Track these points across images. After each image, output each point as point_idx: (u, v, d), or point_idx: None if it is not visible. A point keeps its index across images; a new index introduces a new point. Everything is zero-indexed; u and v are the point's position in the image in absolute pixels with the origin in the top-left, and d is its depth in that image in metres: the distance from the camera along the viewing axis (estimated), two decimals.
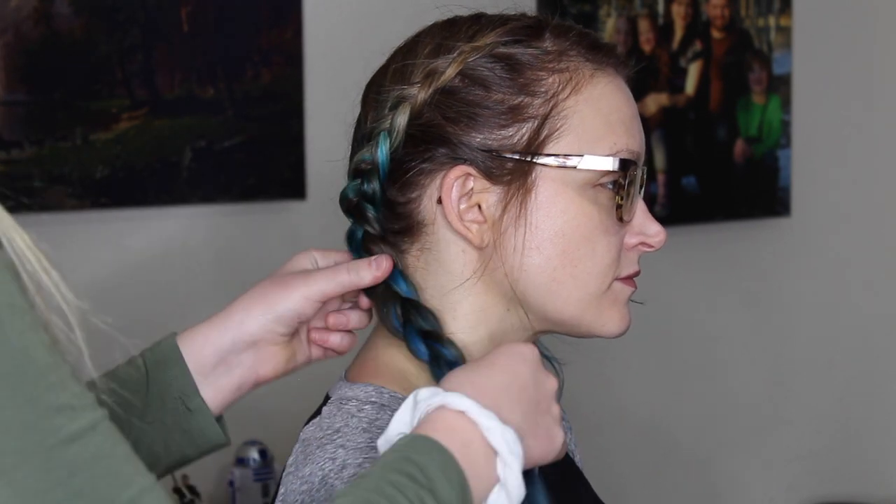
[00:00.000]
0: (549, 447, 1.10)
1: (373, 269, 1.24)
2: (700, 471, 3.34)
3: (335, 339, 1.29)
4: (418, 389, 1.06)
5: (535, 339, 1.30)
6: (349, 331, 1.31)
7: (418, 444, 1.01)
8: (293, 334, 1.27)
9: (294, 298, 1.24)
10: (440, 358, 1.21)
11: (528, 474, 1.09)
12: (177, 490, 2.49)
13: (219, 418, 1.27)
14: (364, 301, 1.30)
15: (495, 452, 1.02)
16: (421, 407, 1.04)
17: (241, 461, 2.58)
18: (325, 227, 1.53)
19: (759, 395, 3.40)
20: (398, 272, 1.25)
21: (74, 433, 0.86)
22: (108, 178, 2.53)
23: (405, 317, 1.24)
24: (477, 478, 1.01)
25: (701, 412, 3.32)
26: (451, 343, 1.22)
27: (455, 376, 1.08)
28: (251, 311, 1.25)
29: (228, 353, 1.25)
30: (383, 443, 1.06)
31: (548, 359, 1.38)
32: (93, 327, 0.90)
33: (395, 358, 1.25)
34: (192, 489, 2.51)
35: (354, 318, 1.30)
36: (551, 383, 1.11)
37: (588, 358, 1.65)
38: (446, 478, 0.99)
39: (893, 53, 3.52)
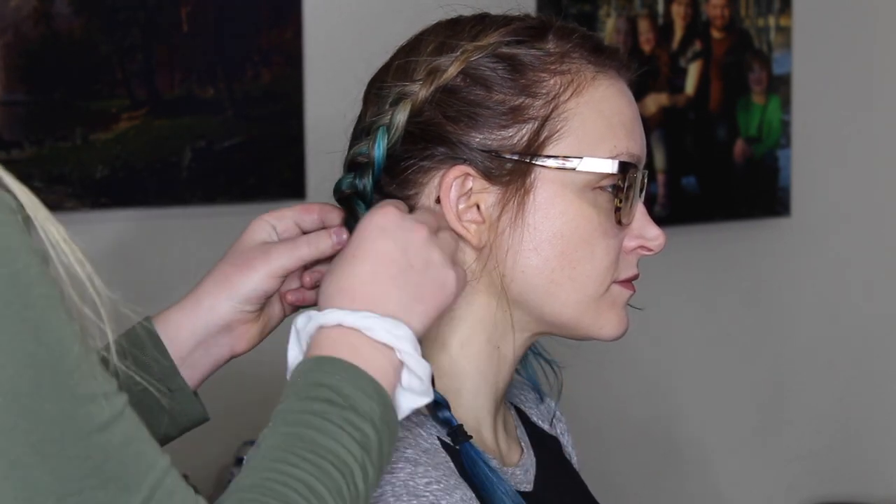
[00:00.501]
0: (441, 296, 1.13)
1: (332, 240, 1.24)
2: (700, 471, 3.34)
3: (312, 296, 1.29)
4: (295, 319, 1.11)
5: (534, 340, 1.30)
6: None
7: (323, 366, 1.05)
8: (263, 307, 1.28)
9: (257, 278, 1.25)
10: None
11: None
12: None
13: (195, 394, 1.28)
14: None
15: (387, 346, 1.07)
16: (303, 336, 1.09)
17: (240, 461, 2.57)
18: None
19: (759, 395, 3.40)
20: (365, 200, 1.26)
21: (107, 420, 0.89)
22: (108, 178, 2.53)
23: None
24: (382, 374, 1.06)
25: (701, 412, 3.32)
26: None
27: (325, 289, 1.12)
28: (218, 296, 1.26)
29: (204, 336, 1.26)
30: (289, 374, 1.10)
31: (547, 361, 1.38)
32: (122, 318, 0.93)
33: None
34: (192, 489, 2.50)
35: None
36: (418, 235, 1.13)
37: (587, 358, 1.65)
38: (360, 390, 1.04)
39: (893, 53, 3.52)
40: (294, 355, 1.11)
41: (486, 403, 1.27)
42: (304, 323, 1.10)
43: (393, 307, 1.09)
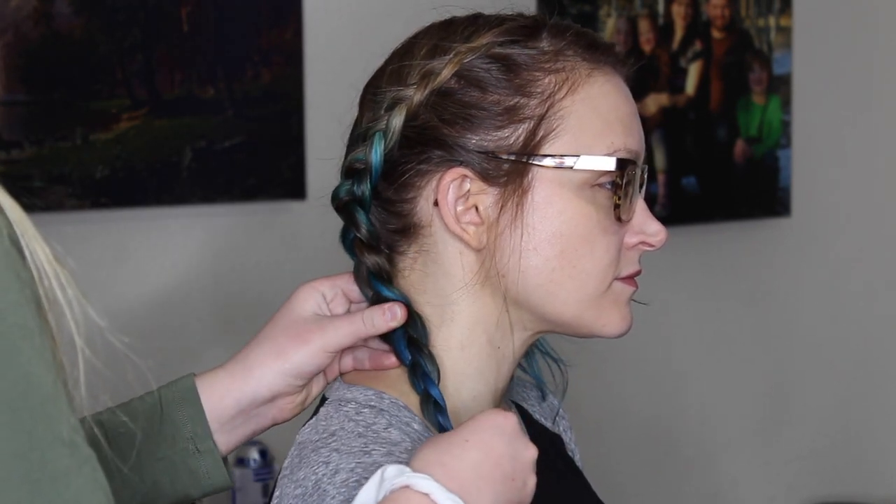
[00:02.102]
0: None
1: (387, 319, 1.23)
2: (700, 471, 3.34)
3: (389, 360, 1.26)
4: (386, 466, 1.06)
5: (535, 339, 1.29)
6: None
7: None
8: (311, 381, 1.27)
9: (312, 352, 1.24)
10: (418, 367, 1.22)
11: None
12: None
13: (224, 460, 1.27)
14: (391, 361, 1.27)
15: None
16: (386, 485, 1.05)
17: (241, 461, 2.58)
18: (325, 227, 1.53)
19: (759, 395, 3.40)
20: (382, 280, 1.25)
21: (60, 471, 0.83)
22: (108, 178, 2.53)
23: None
24: None
25: (701, 412, 3.31)
26: (431, 357, 1.23)
27: (425, 454, 1.08)
28: (270, 366, 1.24)
29: (248, 406, 1.25)
30: None
31: (554, 360, 1.37)
32: (108, 343, 0.87)
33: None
34: None
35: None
36: (530, 453, 1.11)
37: (589, 358, 1.65)
38: None
39: (893, 53, 3.52)
40: (367, 495, 1.06)
41: (487, 404, 1.26)
42: (395, 475, 1.05)
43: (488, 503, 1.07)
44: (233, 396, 1.24)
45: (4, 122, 2.46)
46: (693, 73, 3.18)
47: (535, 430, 1.37)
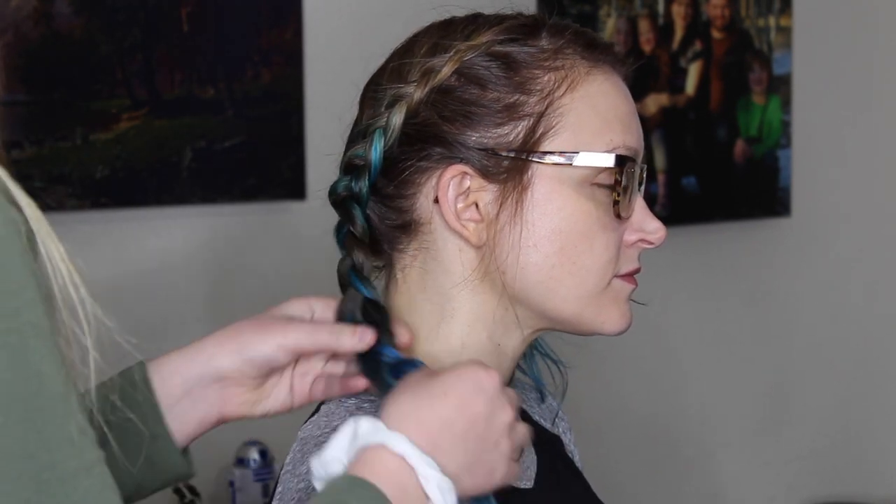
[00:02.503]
0: (487, 482, 1.09)
1: (354, 340, 1.18)
2: (700, 471, 3.34)
3: (358, 383, 1.23)
4: (360, 419, 1.05)
5: (535, 336, 1.30)
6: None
7: (360, 492, 1.01)
8: (264, 378, 1.21)
9: (269, 344, 1.18)
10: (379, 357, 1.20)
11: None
12: (177, 490, 2.49)
13: (184, 451, 1.22)
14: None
15: (428, 498, 1.03)
16: (360, 441, 1.04)
17: (241, 461, 2.58)
18: (325, 227, 1.53)
19: (760, 395, 3.40)
20: (360, 276, 1.23)
21: (70, 471, 0.83)
22: (108, 178, 2.53)
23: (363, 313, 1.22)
24: None
25: (701, 412, 3.32)
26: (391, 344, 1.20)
27: (402, 404, 1.07)
28: (224, 345, 1.20)
29: (195, 386, 1.19)
30: (318, 465, 1.06)
31: (553, 361, 1.38)
32: (115, 343, 0.87)
33: None
34: (192, 489, 2.51)
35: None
36: (506, 415, 1.10)
37: (588, 358, 1.65)
38: None
39: (893, 53, 3.52)
40: (339, 446, 1.06)
41: None
42: (370, 431, 1.04)
43: (453, 467, 1.05)
44: (180, 375, 1.19)
45: (4, 122, 2.46)
46: (693, 73, 3.18)
47: (534, 432, 1.37)
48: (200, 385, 1.19)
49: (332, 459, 1.06)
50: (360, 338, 1.18)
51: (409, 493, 1.02)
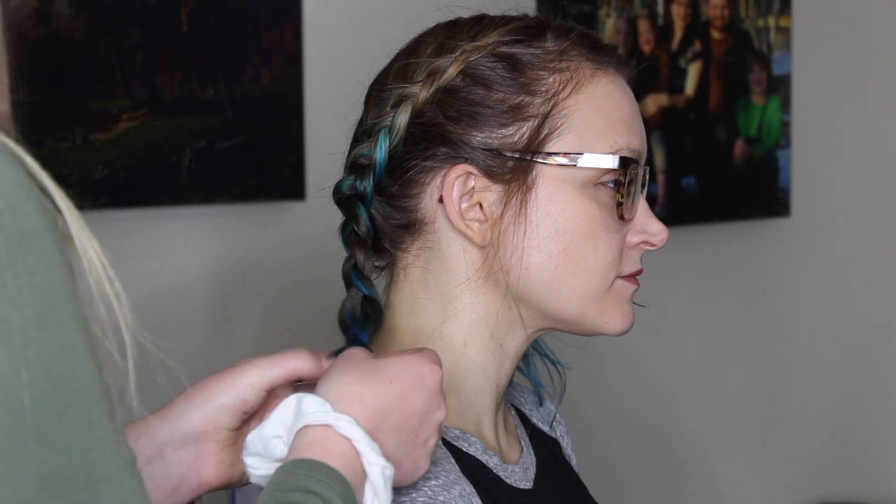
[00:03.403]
0: (410, 476, 1.09)
1: (320, 363, 1.13)
2: (700, 471, 3.34)
3: None
4: (304, 395, 1.04)
5: (537, 336, 1.30)
6: None
7: (319, 474, 0.99)
8: (239, 431, 1.13)
9: (237, 386, 1.11)
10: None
11: None
12: None
13: None
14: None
15: (368, 480, 1.02)
16: (305, 419, 1.03)
17: None
18: (325, 227, 1.53)
19: (759, 394, 3.40)
20: (361, 277, 1.24)
21: (115, 471, 0.81)
22: (108, 178, 2.53)
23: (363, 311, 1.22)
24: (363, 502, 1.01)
25: (701, 412, 3.32)
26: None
27: (345, 384, 1.06)
28: (192, 399, 1.12)
29: (165, 446, 1.11)
30: (255, 439, 1.05)
31: (552, 362, 1.38)
32: (137, 346, 0.86)
33: None
34: None
35: None
36: (440, 414, 1.09)
37: (588, 358, 1.65)
38: None
39: (893, 54, 3.52)
40: (280, 422, 1.04)
41: (488, 400, 1.27)
42: (316, 409, 1.03)
43: (388, 450, 1.05)
44: (148, 436, 1.10)
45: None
46: (692, 73, 3.18)
47: (533, 433, 1.38)
48: (172, 445, 1.11)
49: (272, 436, 1.04)
50: (326, 360, 1.14)
51: (357, 477, 1.01)
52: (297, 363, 1.13)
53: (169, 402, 1.12)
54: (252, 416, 1.13)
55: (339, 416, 1.02)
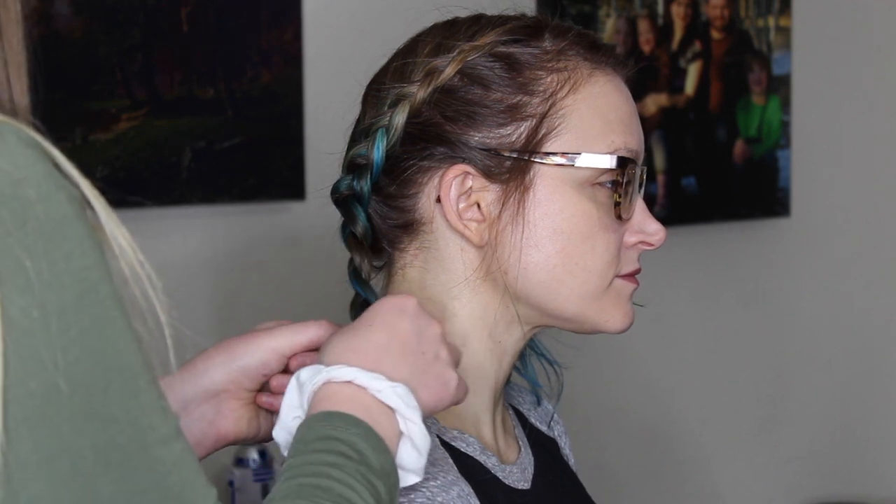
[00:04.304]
0: (444, 392, 1.12)
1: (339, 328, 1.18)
2: (699, 471, 3.34)
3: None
4: (298, 371, 1.08)
5: (534, 333, 1.30)
6: None
7: (335, 421, 1.03)
8: (258, 391, 1.22)
9: (260, 349, 1.20)
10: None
11: None
12: None
13: None
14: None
15: (393, 410, 1.05)
16: (307, 388, 1.06)
17: (240, 461, 2.58)
18: (325, 227, 1.54)
19: (759, 394, 3.40)
20: (359, 279, 1.26)
21: (167, 435, 0.85)
22: (108, 178, 2.53)
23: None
24: (387, 437, 1.04)
25: (700, 412, 3.32)
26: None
27: (333, 347, 1.09)
28: (214, 359, 1.20)
29: (190, 403, 1.19)
30: (281, 430, 1.08)
31: (549, 362, 1.38)
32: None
33: None
34: None
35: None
36: (433, 329, 1.12)
37: (586, 358, 1.65)
38: (371, 447, 1.02)
39: (893, 54, 3.52)
40: (291, 406, 1.07)
41: (486, 399, 1.27)
42: (311, 375, 1.06)
43: (404, 378, 1.07)
44: (174, 393, 1.17)
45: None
46: (692, 73, 3.18)
47: (531, 433, 1.38)
48: (195, 402, 1.19)
49: (291, 420, 1.07)
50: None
51: (373, 411, 1.04)
52: (319, 332, 1.19)
53: (188, 362, 1.20)
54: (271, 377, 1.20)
55: (332, 369, 1.06)
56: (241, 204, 2.67)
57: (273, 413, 1.21)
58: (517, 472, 1.28)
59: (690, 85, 3.19)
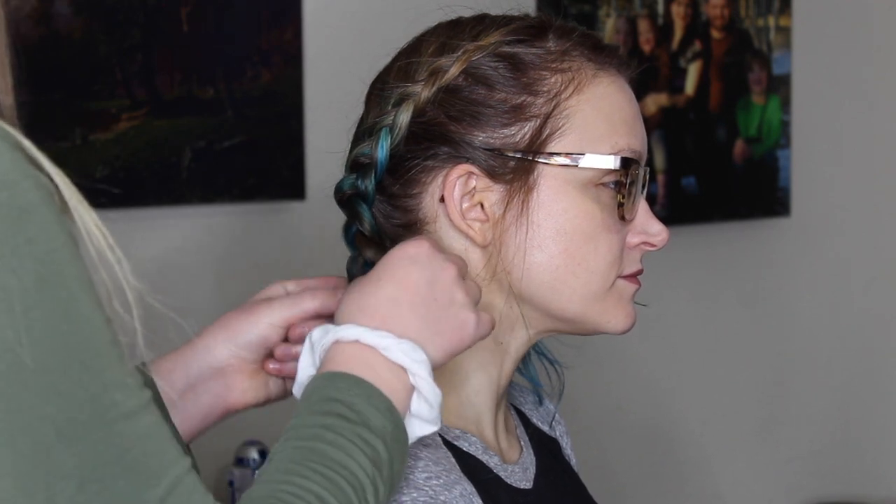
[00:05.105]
0: (461, 334, 1.13)
1: (337, 297, 1.24)
2: (700, 471, 3.34)
3: (290, 369, 1.27)
4: (311, 332, 1.11)
5: (538, 338, 1.30)
6: None
7: (337, 382, 1.06)
8: (262, 362, 1.28)
9: (259, 324, 1.26)
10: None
11: None
12: None
13: (187, 448, 1.25)
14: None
15: (401, 367, 1.07)
16: (318, 348, 1.09)
17: (240, 461, 2.58)
18: (325, 227, 1.54)
19: (759, 395, 3.40)
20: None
21: (132, 409, 0.89)
22: (108, 178, 2.53)
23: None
24: (395, 394, 1.07)
25: (701, 412, 3.32)
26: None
27: (344, 306, 1.12)
28: (216, 336, 1.26)
29: (196, 380, 1.26)
30: (297, 388, 1.11)
31: (550, 361, 1.38)
32: (148, 308, 0.94)
33: None
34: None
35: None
36: (447, 273, 1.13)
37: (587, 358, 1.65)
38: (374, 407, 1.04)
39: (893, 54, 3.52)
40: (306, 366, 1.11)
41: (488, 400, 1.27)
42: (321, 336, 1.10)
43: (412, 333, 1.10)
44: (181, 371, 1.25)
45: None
46: (692, 73, 3.18)
47: (533, 433, 1.38)
48: (202, 378, 1.26)
49: (305, 379, 1.10)
50: (342, 294, 1.21)
51: (379, 369, 1.07)
52: (314, 304, 1.25)
53: (189, 341, 1.26)
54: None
55: (338, 329, 1.09)
56: (241, 204, 2.67)
57: (282, 377, 1.28)
58: (519, 471, 1.28)
59: (690, 85, 3.19)
